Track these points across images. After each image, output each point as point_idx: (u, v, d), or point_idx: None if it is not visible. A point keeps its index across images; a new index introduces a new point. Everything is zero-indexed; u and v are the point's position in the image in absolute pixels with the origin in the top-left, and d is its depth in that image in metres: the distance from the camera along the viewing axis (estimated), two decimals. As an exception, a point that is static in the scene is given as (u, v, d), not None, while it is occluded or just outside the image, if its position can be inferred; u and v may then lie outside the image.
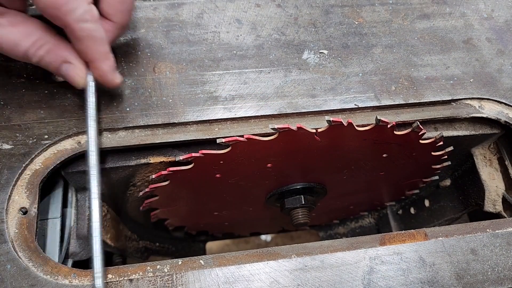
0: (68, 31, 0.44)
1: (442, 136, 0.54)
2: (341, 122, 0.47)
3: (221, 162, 0.52)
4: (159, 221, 0.71)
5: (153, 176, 0.53)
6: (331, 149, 0.54)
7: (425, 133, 0.52)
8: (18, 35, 0.44)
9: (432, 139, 0.54)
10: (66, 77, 0.47)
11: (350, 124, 0.48)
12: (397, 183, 0.71)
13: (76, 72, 0.46)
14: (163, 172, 0.52)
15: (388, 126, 0.49)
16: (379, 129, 0.50)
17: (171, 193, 0.59)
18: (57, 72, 0.47)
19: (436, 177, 0.67)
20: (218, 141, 0.49)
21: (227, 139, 0.48)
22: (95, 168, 0.46)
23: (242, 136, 0.48)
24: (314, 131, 0.48)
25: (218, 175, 0.55)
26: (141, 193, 0.58)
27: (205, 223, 0.82)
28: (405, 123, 0.54)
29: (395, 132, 0.51)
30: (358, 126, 0.49)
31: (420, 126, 0.51)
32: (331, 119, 0.47)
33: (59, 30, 0.45)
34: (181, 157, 0.51)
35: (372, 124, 0.50)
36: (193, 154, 0.50)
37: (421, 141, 0.54)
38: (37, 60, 0.46)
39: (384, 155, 0.57)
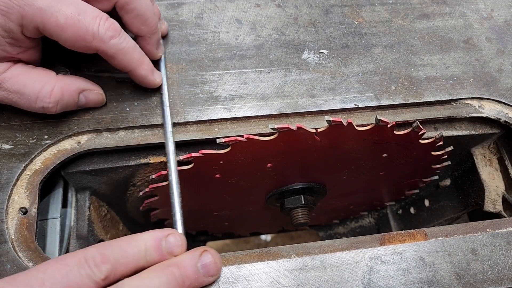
0: (100, 53, 0.45)
1: (442, 135, 0.54)
2: (341, 122, 0.47)
3: (221, 162, 0.52)
4: (159, 221, 0.71)
5: (153, 176, 0.53)
6: (331, 149, 0.54)
7: (424, 132, 0.52)
8: (30, 88, 0.44)
9: (432, 139, 0.54)
10: (88, 103, 0.49)
11: (350, 124, 0.48)
12: (397, 182, 0.71)
13: (95, 94, 0.48)
14: (163, 172, 0.52)
15: (388, 126, 0.49)
16: (379, 129, 0.50)
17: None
18: (78, 106, 0.48)
19: (436, 177, 0.67)
20: (218, 141, 0.49)
21: (226, 139, 0.48)
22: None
23: (242, 136, 0.48)
24: (314, 131, 0.48)
25: (218, 175, 0.55)
26: (141, 193, 0.58)
27: (205, 223, 0.82)
28: (405, 123, 0.54)
29: (395, 132, 0.51)
30: (358, 126, 0.49)
31: (420, 126, 0.51)
32: (331, 119, 0.47)
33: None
34: (180, 157, 0.51)
35: (372, 124, 0.50)
36: (193, 154, 0.50)
37: (421, 141, 0.54)
38: (55, 106, 0.45)
39: (384, 155, 0.57)
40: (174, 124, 0.51)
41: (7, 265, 0.43)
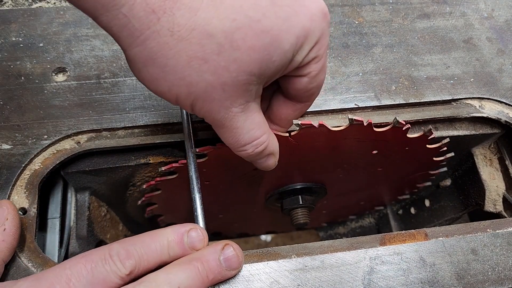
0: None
1: (430, 129, 0.52)
2: (311, 124, 0.46)
3: (204, 170, 0.51)
4: (167, 225, 0.70)
5: (144, 186, 0.53)
6: (317, 149, 0.53)
7: (409, 127, 0.51)
8: (253, 124, 0.39)
9: (420, 133, 0.53)
10: (262, 165, 0.44)
11: (321, 125, 0.46)
12: (402, 177, 0.70)
13: (274, 162, 0.44)
14: (152, 183, 0.52)
15: (364, 124, 0.48)
16: (357, 128, 0.48)
17: (168, 200, 0.59)
18: (256, 160, 0.43)
19: (445, 169, 0.66)
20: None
21: (200, 149, 0.47)
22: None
23: (215, 144, 0.47)
24: (287, 134, 0.47)
25: (206, 182, 0.55)
26: (139, 202, 0.58)
27: (214, 225, 0.81)
28: (406, 123, 0.54)
29: (376, 130, 0.50)
30: (333, 127, 0.48)
31: (401, 121, 0.50)
32: (300, 122, 0.46)
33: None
34: (163, 168, 0.50)
35: (345, 124, 0.48)
36: (174, 165, 0.49)
37: (408, 136, 0.53)
38: (254, 152, 0.41)
39: (374, 152, 0.56)
40: (174, 124, 0.51)
41: (6, 265, 0.43)
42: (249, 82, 0.35)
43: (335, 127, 0.48)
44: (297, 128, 0.47)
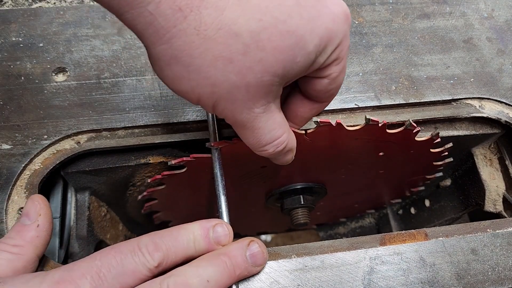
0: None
1: (438, 133, 0.53)
2: (329, 122, 0.46)
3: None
4: (163, 223, 0.71)
5: (149, 181, 0.53)
6: (324, 149, 0.53)
7: (419, 130, 0.51)
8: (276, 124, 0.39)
9: (428, 137, 0.53)
10: (280, 161, 0.44)
11: (339, 124, 0.47)
12: (400, 180, 0.70)
13: (291, 157, 0.44)
14: (158, 177, 0.52)
15: (379, 125, 0.48)
16: (370, 128, 0.49)
17: (170, 196, 0.59)
18: (275, 157, 0.43)
19: (440, 174, 0.66)
20: (206, 145, 0.47)
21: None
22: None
23: (230, 139, 0.47)
24: (304, 132, 0.47)
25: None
26: (139, 197, 0.58)
27: None
28: (405, 123, 0.54)
29: (388, 131, 0.50)
30: (348, 126, 0.48)
31: (413, 123, 0.50)
32: (319, 120, 0.46)
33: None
34: (173, 162, 0.50)
35: (362, 124, 0.49)
36: (184, 158, 0.49)
37: (416, 139, 0.53)
38: (275, 152, 0.40)
39: (381, 154, 0.57)
40: (174, 124, 0.51)
41: (6, 265, 0.43)
42: (272, 83, 0.35)
43: (350, 126, 0.48)
44: (314, 126, 0.47)
